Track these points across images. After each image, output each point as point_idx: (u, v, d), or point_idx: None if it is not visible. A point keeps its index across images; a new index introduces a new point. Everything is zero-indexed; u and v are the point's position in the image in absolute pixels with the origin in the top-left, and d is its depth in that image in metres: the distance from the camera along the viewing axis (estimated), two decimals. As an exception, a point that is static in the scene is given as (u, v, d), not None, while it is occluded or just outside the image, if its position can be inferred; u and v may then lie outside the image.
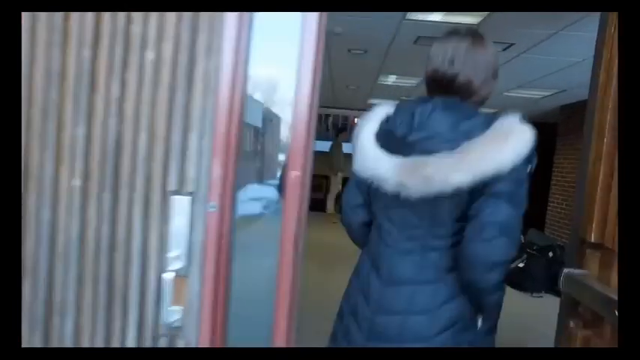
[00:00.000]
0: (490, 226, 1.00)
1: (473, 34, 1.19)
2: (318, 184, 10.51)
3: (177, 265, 0.98)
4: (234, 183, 1.15)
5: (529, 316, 4.15)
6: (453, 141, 1.03)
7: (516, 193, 1.01)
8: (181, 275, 0.98)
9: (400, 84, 6.15)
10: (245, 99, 1.11)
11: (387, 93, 6.99)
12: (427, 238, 1.09)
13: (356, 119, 16.33)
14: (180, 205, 1.00)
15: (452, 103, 1.12)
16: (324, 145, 8.99)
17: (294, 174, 1.00)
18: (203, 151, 1.01)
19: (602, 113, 1.14)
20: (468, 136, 1.03)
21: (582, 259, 1.11)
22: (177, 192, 0.97)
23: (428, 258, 1.08)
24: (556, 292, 4.76)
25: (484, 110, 1.20)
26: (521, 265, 4.88)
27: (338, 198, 9.86)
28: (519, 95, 6.10)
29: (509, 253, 1.03)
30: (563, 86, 5.40)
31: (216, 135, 1.03)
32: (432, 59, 1.18)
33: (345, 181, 15.27)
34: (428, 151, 1.04)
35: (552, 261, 4.87)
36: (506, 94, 6.09)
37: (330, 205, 8.85)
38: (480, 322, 1.10)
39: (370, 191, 1.19)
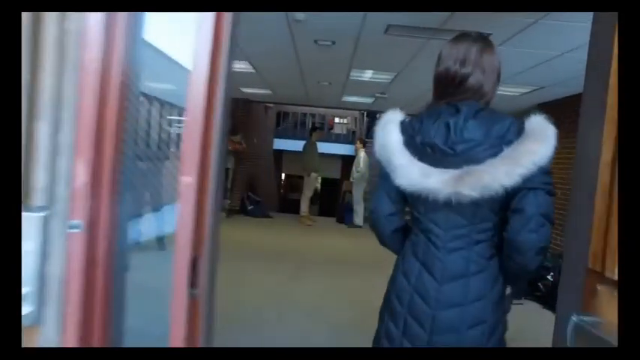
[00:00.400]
0: (536, 217, 1.11)
1: (483, 38, 1.29)
2: (296, 185, 10.15)
3: (24, 309, 0.76)
4: (115, 192, 0.91)
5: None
6: (492, 147, 1.14)
7: (550, 182, 1.14)
8: (30, 324, 0.76)
9: (375, 79, 5.84)
10: (130, 74, 0.88)
11: (362, 90, 6.68)
12: (472, 234, 1.18)
13: (337, 119, 16.14)
14: (27, 224, 0.76)
15: (477, 109, 1.20)
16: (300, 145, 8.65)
17: (186, 180, 0.86)
18: (59, 149, 0.79)
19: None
20: (503, 139, 1.14)
21: (592, 298, 0.80)
22: (23, 207, 0.73)
23: (473, 251, 1.18)
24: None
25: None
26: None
27: (313, 199, 9.71)
28: (499, 93, 5.85)
29: (550, 236, 1.17)
30: (541, 83, 5.17)
31: (81, 126, 0.80)
32: (444, 59, 1.27)
33: (331, 182, 15.17)
34: (475, 160, 1.13)
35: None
36: (483, 91, 5.85)
37: (305, 207, 8.48)
38: (508, 290, 1.26)
39: (409, 200, 1.25)
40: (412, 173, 1.17)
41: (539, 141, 1.11)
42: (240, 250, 5.79)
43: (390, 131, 1.25)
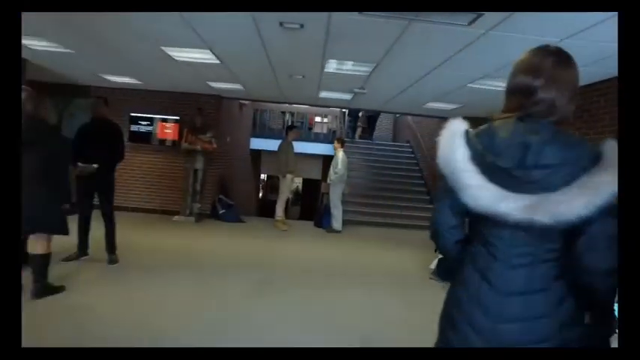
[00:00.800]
0: (603, 240, 1.09)
1: (560, 52, 1.23)
2: (277, 186, 9.55)
3: None
4: None
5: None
6: (568, 173, 1.11)
7: (615, 205, 1.08)
8: None
9: (352, 72, 5.31)
10: None
11: (340, 84, 6.15)
12: (537, 253, 1.16)
13: (317, 118, 15.61)
14: None
15: (554, 131, 1.16)
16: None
17: None
18: None
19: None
20: (578, 165, 1.11)
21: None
22: None
23: (537, 269, 1.17)
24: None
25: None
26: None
27: (294, 200, 9.09)
28: (484, 87, 5.41)
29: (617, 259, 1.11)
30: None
31: None
32: (516, 70, 1.25)
33: (314, 183, 14.63)
34: (550, 187, 1.11)
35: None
36: (470, 85, 5.38)
37: (280, 210, 7.91)
38: (587, 318, 1.21)
39: (472, 214, 1.22)
40: (484, 197, 1.15)
41: (614, 170, 1.07)
42: (204, 259, 5.20)
43: (456, 146, 1.21)
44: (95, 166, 4.45)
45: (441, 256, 5.41)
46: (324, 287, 4.48)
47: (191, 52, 4.92)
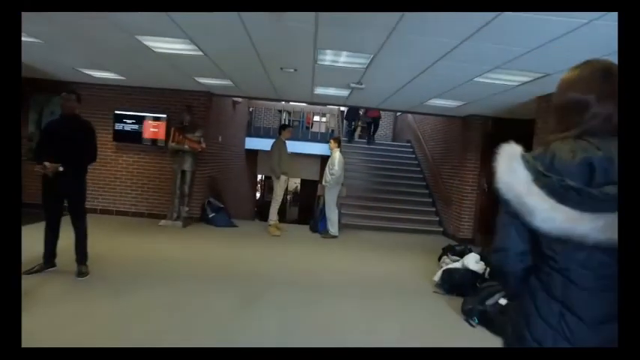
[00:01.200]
0: None
1: (608, 63, 1.20)
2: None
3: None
4: None
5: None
6: None
7: None
8: None
9: (348, 65, 4.86)
10: None
11: (335, 79, 5.70)
12: (615, 275, 1.09)
13: (316, 117, 15.16)
14: None
15: (616, 146, 1.11)
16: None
17: None
18: None
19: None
20: None
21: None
22: None
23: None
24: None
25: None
26: (503, 302, 3.67)
27: (292, 200, 8.61)
28: (492, 82, 4.95)
29: None
30: (546, 68, 4.26)
31: None
32: (566, 86, 1.23)
33: (311, 183, 14.11)
34: None
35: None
36: (477, 79, 4.92)
37: (274, 214, 7.45)
38: None
39: (541, 238, 1.17)
40: (556, 219, 1.10)
41: None
42: (185, 270, 4.74)
43: (514, 169, 1.16)
44: (60, 168, 4.01)
45: (445, 267, 4.97)
46: (315, 302, 4.03)
47: (170, 42, 4.47)
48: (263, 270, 5.05)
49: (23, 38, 4.71)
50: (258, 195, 19.84)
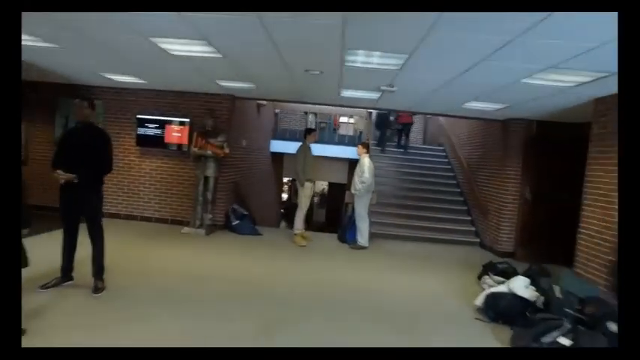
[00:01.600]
0: None
1: None
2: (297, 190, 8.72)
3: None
4: None
5: None
6: None
7: None
8: None
9: (379, 66, 4.42)
10: None
11: (364, 81, 5.27)
12: None
13: (343, 118, 14.72)
14: None
15: None
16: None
17: None
18: None
19: None
20: None
21: None
22: None
23: None
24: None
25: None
26: (565, 342, 3.13)
27: (320, 203, 8.23)
28: (542, 83, 4.40)
29: None
30: (608, 67, 3.69)
31: None
32: None
33: (339, 187, 13.54)
34: None
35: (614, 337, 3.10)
36: (525, 81, 4.39)
37: (299, 222, 7.08)
38: None
39: None
40: None
41: None
42: (206, 285, 4.43)
43: None
44: (75, 180, 3.79)
45: (488, 289, 4.45)
46: (338, 328, 3.62)
47: (186, 44, 4.16)
48: (284, 287, 4.69)
49: (39, 44, 4.53)
50: (285, 196, 19.62)
